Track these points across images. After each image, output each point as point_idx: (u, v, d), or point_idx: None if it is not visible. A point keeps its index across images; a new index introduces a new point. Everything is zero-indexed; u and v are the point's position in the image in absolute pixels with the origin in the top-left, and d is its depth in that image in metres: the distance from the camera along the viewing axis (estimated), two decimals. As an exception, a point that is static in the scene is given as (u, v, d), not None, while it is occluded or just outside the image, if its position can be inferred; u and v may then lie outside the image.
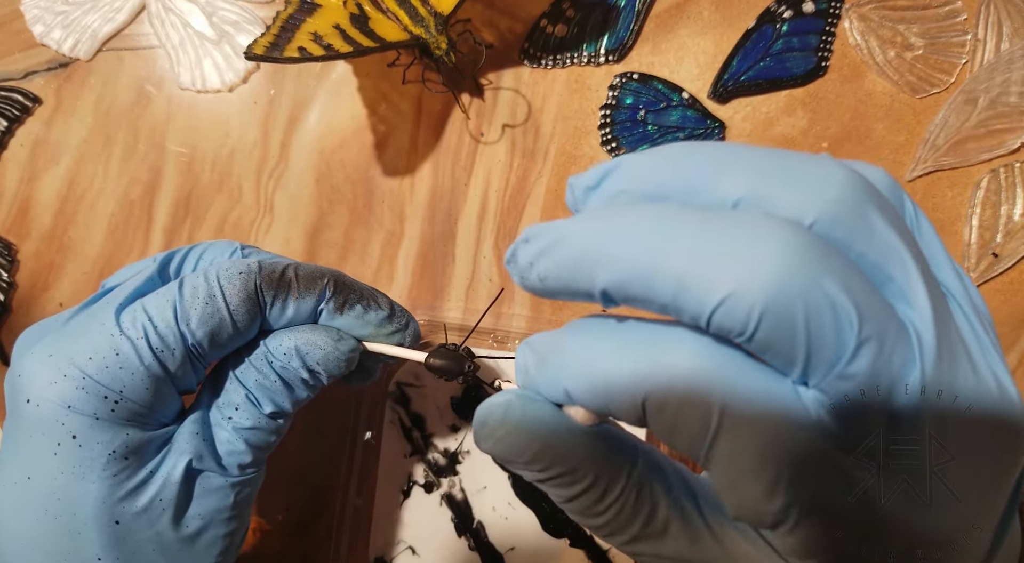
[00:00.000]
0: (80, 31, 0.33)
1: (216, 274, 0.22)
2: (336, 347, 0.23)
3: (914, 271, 0.15)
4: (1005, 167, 0.32)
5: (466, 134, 0.33)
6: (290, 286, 0.23)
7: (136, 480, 0.21)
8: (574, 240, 0.16)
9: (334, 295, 0.23)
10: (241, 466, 0.23)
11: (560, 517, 0.31)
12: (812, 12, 0.32)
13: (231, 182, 0.33)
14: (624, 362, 0.16)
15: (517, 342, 0.32)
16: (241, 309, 0.22)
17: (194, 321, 0.21)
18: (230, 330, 0.22)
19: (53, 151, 0.33)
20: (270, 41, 0.27)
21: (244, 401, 0.23)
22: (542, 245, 0.17)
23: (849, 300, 0.14)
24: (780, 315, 0.14)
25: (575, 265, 0.16)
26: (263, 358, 0.23)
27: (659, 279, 0.15)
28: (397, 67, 0.32)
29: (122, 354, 0.21)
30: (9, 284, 0.32)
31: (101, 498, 0.21)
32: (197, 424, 0.23)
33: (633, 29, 0.32)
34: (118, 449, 0.21)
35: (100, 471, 0.21)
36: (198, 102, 0.33)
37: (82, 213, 0.33)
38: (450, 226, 0.33)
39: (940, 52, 0.32)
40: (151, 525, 0.21)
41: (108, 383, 0.21)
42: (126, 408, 0.21)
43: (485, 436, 0.18)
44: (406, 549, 0.31)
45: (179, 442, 0.22)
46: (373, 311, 0.24)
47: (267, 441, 0.23)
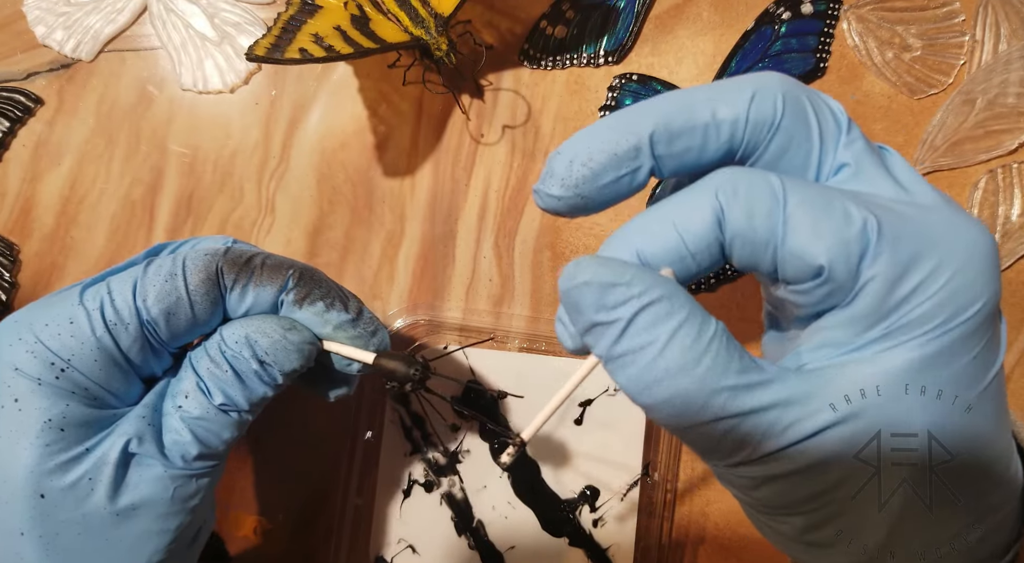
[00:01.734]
0: (82, 32, 0.33)
1: (184, 256, 0.22)
2: (285, 336, 0.22)
3: None
4: (1003, 168, 0.32)
5: (466, 135, 0.33)
6: (253, 273, 0.22)
7: (68, 454, 0.20)
8: (610, 116, 0.19)
9: (296, 286, 0.23)
10: (185, 458, 0.22)
11: (559, 516, 0.31)
12: (810, 13, 0.32)
13: (232, 183, 0.33)
14: (683, 202, 0.18)
15: (517, 342, 0.32)
16: (200, 290, 0.21)
17: (151, 297, 0.21)
18: (188, 311, 0.21)
19: (55, 152, 0.33)
20: (271, 42, 0.28)
21: (194, 389, 0.22)
22: (577, 140, 0.19)
23: (827, 99, 0.19)
24: (795, 101, 0.18)
25: (618, 128, 0.18)
26: (216, 346, 0.22)
27: (697, 104, 0.18)
28: (398, 68, 0.33)
29: (76, 323, 0.21)
30: (11, 284, 0.32)
31: (30, 467, 0.20)
32: (147, 409, 0.22)
33: (632, 30, 0.33)
34: (54, 418, 0.20)
35: (33, 438, 0.20)
36: (200, 103, 0.33)
37: (84, 213, 0.33)
38: (450, 226, 0.33)
39: (938, 53, 0.32)
40: (77, 505, 0.20)
41: (57, 349, 0.20)
42: (71, 378, 0.21)
43: (583, 267, 0.17)
44: (406, 548, 0.31)
45: (123, 424, 0.21)
46: (336, 311, 0.23)
47: (218, 435, 0.22)
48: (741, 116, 0.18)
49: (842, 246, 0.16)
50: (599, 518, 0.31)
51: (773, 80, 0.18)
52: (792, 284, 0.18)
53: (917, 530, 0.18)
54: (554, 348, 0.32)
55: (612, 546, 0.31)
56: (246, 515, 0.33)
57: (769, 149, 0.18)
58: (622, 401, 0.31)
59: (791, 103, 0.18)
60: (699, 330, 0.17)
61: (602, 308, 0.17)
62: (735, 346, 0.17)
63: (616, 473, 0.31)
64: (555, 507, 0.31)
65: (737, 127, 0.18)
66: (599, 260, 0.17)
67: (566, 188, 0.19)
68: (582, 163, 0.18)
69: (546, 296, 0.33)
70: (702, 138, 0.18)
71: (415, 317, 0.32)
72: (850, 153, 0.19)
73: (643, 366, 0.17)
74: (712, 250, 0.18)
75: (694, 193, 0.18)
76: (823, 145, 0.19)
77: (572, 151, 0.19)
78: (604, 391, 0.31)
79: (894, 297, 0.17)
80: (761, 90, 0.18)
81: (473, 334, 0.32)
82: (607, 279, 0.17)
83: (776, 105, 0.18)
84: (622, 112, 0.19)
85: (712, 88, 0.19)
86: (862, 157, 0.19)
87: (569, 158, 0.19)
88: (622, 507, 0.31)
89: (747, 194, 0.17)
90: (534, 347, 0.32)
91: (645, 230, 0.18)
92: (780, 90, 0.18)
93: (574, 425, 0.31)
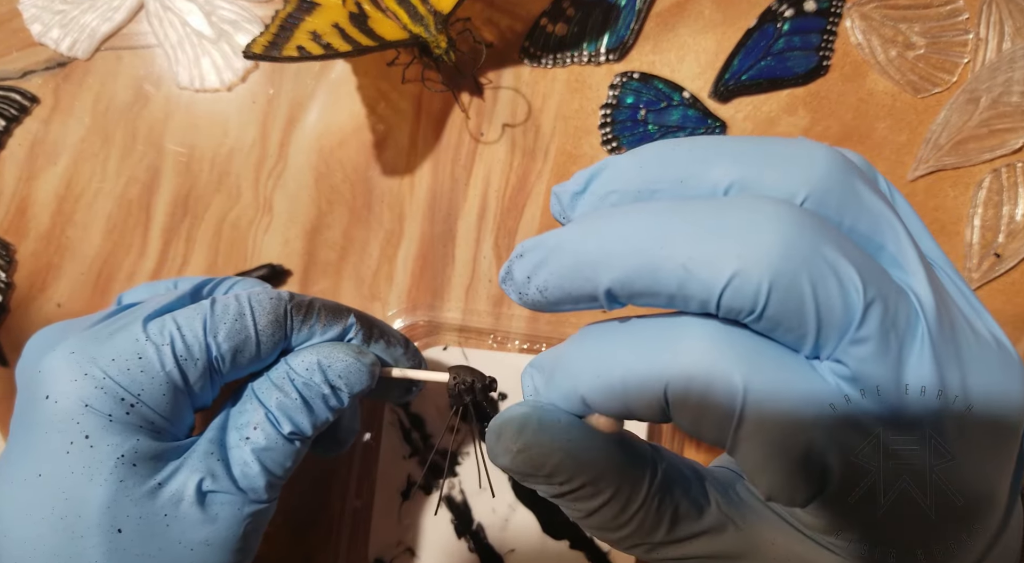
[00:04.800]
0: (78, 30, 0.33)
1: (248, 297, 0.23)
2: (358, 359, 0.23)
3: (904, 237, 0.16)
4: (1007, 167, 0.32)
5: (466, 133, 0.33)
6: (317, 316, 0.24)
7: (143, 489, 0.21)
8: (571, 245, 0.16)
9: (361, 328, 0.24)
10: (256, 490, 0.22)
11: (560, 519, 0.31)
12: (813, 11, 0.32)
13: (230, 182, 0.33)
14: (639, 358, 0.16)
15: (517, 342, 0.31)
16: (268, 330, 0.23)
17: (222, 334, 0.22)
18: (254, 349, 0.22)
19: (51, 151, 0.33)
20: (269, 40, 0.27)
21: (263, 420, 0.22)
22: (539, 256, 0.17)
23: (850, 265, 0.14)
24: (787, 287, 0.14)
25: (575, 269, 0.16)
26: (285, 376, 0.23)
27: (663, 269, 0.15)
28: (396, 66, 0.32)
29: (145, 358, 0.21)
30: (7, 284, 0.32)
31: (106, 502, 0.20)
32: (213, 444, 0.22)
33: (634, 28, 0.32)
34: (127, 454, 0.21)
35: (108, 474, 0.20)
36: (196, 101, 0.33)
37: (80, 213, 0.33)
38: (450, 226, 0.33)
39: (942, 51, 0.32)
40: (153, 539, 0.21)
41: (127, 385, 0.21)
42: (141, 413, 0.21)
43: (502, 451, 0.17)
44: (405, 551, 0.31)
45: (192, 460, 0.22)
46: (393, 347, 0.25)
47: (283, 465, 0.23)
48: (712, 299, 0.14)
49: (786, 494, 0.15)
50: (600, 520, 0.31)
51: (767, 248, 0.14)
52: None
53: (916, 530, 0.18)
54: (554, 349, 0.31)
55: (612, 549, 0.31)
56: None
57: (751, 326, 0.15)
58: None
59: (781, 290, 0.14)
60: (623, 506, 0.17)
61: (535, 476, 0.17)
62: (671, 501, 0.17)
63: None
64: (556, 509, 0.31)
65: (708, 307, 0.15)
66: (522, 442, 0.17)
67: (523, 301, 0.18)
68: (537, 288, 0.17)
69: (546, 296, 0.33)
70: (667, 302, 0.15)
71: (414, 317, 0.32)
72: (853, 357, 0.15)
73: (572, 514, 0.18)
74: (656, 418, 0.16)
75: (650, 360, 0.15)
76: (820, 339, 0.15)
77: (530, 268, 0.17)
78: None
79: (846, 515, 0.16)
80: (743, 271, 0.14)
81: (473, 334, 0.32)
82: (525, 470, 0.17)
83: (759, 292, 0.14)
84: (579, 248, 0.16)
85: (687, 241, 0.15)
86: (865, 367, 0.15)
87: (527, 274, 0.17)
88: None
89: (698, 403, 0.15)
90: (534, 347, 0.31)
91: (596, 379, 0.16)
92: (770, 271, 0.14)
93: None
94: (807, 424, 0.14)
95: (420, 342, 0.31)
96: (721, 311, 0.15)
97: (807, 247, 0.14)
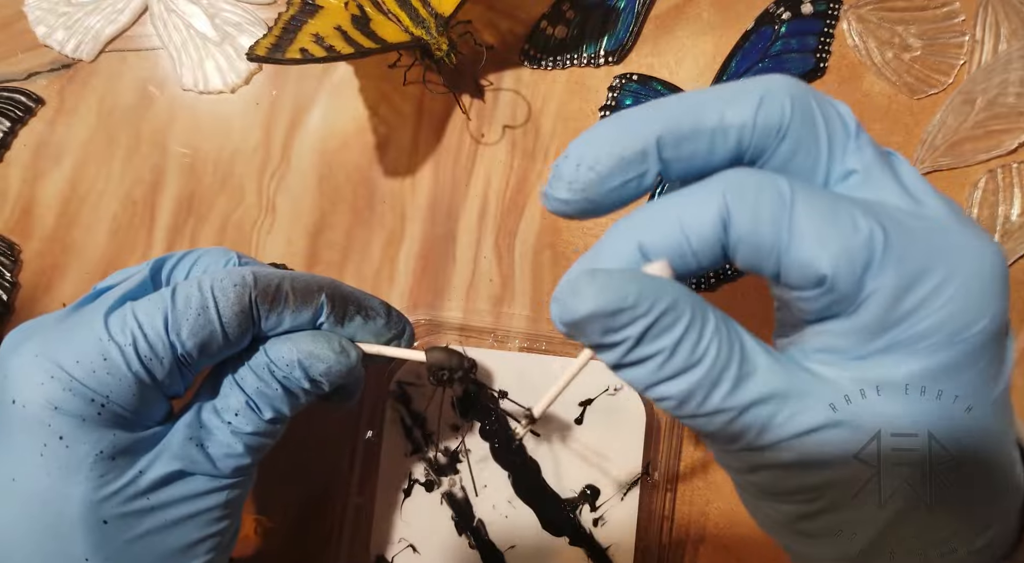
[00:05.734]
0: (83, 32, 0.33)
1: (211, 285, 0.22)
2: (339, 360, 0.23)
3: None
4: (1003, 168, 0.32)
5: (467, 135, 0.33)
6: (286, 300, 0.23)
7: (123, 480, 0.21)
8: (617, 118, 0.19)
9: (332, 311, 0.24)
10: (237, 469, 0.23)
11: (560, 516, 0.31)
12: (810, 13, 0.32)
13: (233, 183, 0.33)
14: (690, 196, 0.18)
15: (517, 341, 0.32)
16: (234, 322, 0.22)
17: (185, 332, 0.21)
18: (220, 341, 0.22)
19: (56, 152, 0.33)
20: (272, 42, 0.28)
21: (244, 407, 0.23)
22: (582, 140, 0.18)
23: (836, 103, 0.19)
24: (803, 107, 0.18)
25: (623, 131, 0.18)
26: (265, 367, 0.23)
27: (705, 108, 0.18)
28: (398, 68, 0.33)
29: (110, 359, 0.21)
30: (12, 284, 0.33)
31: (88, 499, 0.20)
32: (191, 428, 0.23)
33: (632, 30, 0.33)
34: (105, 450, 0.21)
35: (87, 472, 0.20)
36: (200, 103, 0.33)
37: (85, 213, 0.33)
38: (451, 226, 0.33)
39: (938, 53, 0.32)
40: (139, 524, 0.21)
41: (95, 387, 0.21)
42: (112, 411, 0.21)
43: (582, 299, 0.17)
44: (407, 547, 0.31)
45: (171, 445, 0.22)
46: (372, 320, 0.25)
47: (264, 444, 0.24)
48: (748, 121, 0.18)
49: (846, 257, 0.16)
50: (599, 517, 0.31)
51: (781, 83, 0.18)
52: (795, 290, 0.18)
53: (916, 530, 0.18)
54: (554, 348, 0.32)
55: (612, 545, 0.31)
56: (246, 515, 0.33)
57: (777, 154, 0.18)
58: (622, 401, 0.31)
59: (799, 107, 0.18)
60: (700, 332, 0.17)
61: (608, 332, 0.17)
62: (737, 338, 0.17)
63: (616, 473, 0.31)
64: (555, 506, 0.31)
65: (744, 132, 0.18)
66: (598, 285, 0.17)
67: (573, 192, 0.18)
68: (588, 167, 0.18)
69: (546, 296, 0.33)
70: (709, 142, 0.18)
71: (415, 317, 0.32)
72: (859, 159, 0.18)
73: (649, 371, 0.17)
74: (715, 250, 0.17)
75: (701, 191, 0.18)
76: (831, 150, 0.18)
77: (578, 154, 0.18)
78: (604, 391, 0.31)
79: (898, 310, 0.17)
80: (769, 94, 0.18)
81: (473, 333, 0.32)
82: (611, 307, 0.17)
83: (784, 110, 0.18)
84: (628, 114, 0.18)
85: (718, 91, 0.18)
86: (871, 164, 0.18)
87: (576, 162, 0.18)
88: (622, 507, 0.31)
89: (755, 198, 0.17)
90: (534, 347, 0.32)
91: (649, 224, 0.18)
92: (788, 94, 0.18)
93: (574, 425, 0.31)
94: (846, 201, 0.17)
95: (421, 341, 0.32)
96: (756, 131, 0.18)
97: (808, 89, 0.18)
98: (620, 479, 0.31)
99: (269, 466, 0.33)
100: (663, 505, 0.31)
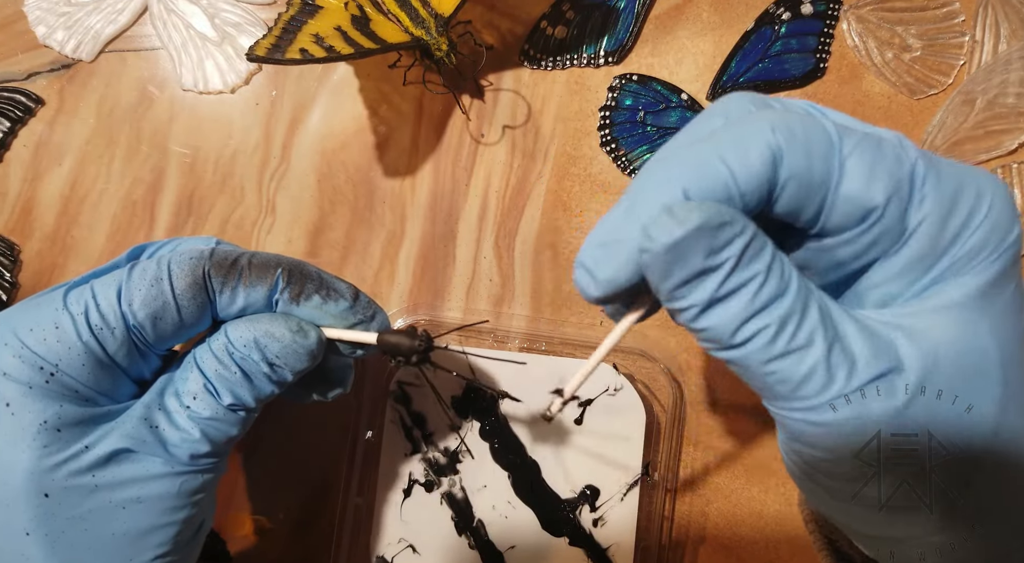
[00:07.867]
0: (83, 32, 0.33)
1: (169, 259, 0.22)
2: (294, 339, 0.22)
3: None
4: (1003, 168, 0.32)
5: (467, 135, 0.33)
6: (241, 274, 0.22)
7: (68, 452, 0.21)
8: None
9: (288, 285, 0.23)
10: (193, 456, 0.22)
11: (560, 516, 0.31)
12: (810, 14, 0.32)
13: (233, 183, 0.33)
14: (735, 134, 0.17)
15: (517, 342, 0.32)
16: (187, 294, 0.22)
17: (136, 302, 0.21)
18: (174, 315, 0.22)
19: (56, 152, 0.33)
20: (272, 43, 0.28)
21: (202, 391, 0.22)
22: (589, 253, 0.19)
23: None
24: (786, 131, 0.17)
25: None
26: (224, 348, 0.22)
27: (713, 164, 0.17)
28: (398, 68, 0.33)
29: (61, 328, 0.21)
30: (12, 284, 0.33)
31: (30, 468, 0.20)
32: (148, 409, 0.22)
33: (632, 31, 0.33)
34: (50, 420, 0.20)
35: (30, 440, 0.20)
36: (200, 103, 0.33)
37: (85, 213, 0.33)
38: (451, 226, 0.33)
39: (938, 54, 0.32)
40: (81, 502, 0.21)
41: (44, 354, 0.21)
42: (61, 381, 0.21)
43: (678, 221, 0.16)
44: (407, 547, 0.31)
45: (124, 424, 0.22)
46: (332, 301, 0.23)
47: (227, 433, 0.22)
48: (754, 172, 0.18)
49: (896, 187, 0.17)
50: (599, 518, 0.31)
51: (758, 126, 0.17)
52: (832, 234, 0.17)
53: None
54: (554, 348, 0.32)
55: (612, 546, 0.31)
56: (246, 515, 0.33)
57: None
58: (622, 401, 0.31)
59: None
60: (782, 258, 0.17)
61: (712, 251, 0.16)
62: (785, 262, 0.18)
63: (616, 473, 0.31)
64: (555, 507, 0.31)
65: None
66: (694, 205, 0.16)
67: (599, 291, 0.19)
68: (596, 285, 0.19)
69: (546, 296, 0.33)
70: None
71: (415, 317, 0.32)
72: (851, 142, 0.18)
73: (746, 301, 0.17)
74: (761, 191, 0.17)
75: (746, 128, 0.17)
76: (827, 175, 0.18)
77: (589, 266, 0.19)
78: (604, 391, 0.31)
79: (947, 233, 0.17)
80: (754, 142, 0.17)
81: (473, 333, 0.32)
82: (717, 219, 0.16)
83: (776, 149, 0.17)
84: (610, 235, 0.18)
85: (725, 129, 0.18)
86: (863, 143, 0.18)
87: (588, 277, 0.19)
88: (622, 507, 0.31)
89: (805, 134, 0.17)
90: (534, 347, 0.32)
91: (690, 164, 0.17)
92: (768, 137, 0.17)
93: (574, 425, 0.31)
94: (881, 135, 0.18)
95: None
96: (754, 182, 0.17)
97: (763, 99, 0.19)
98: (620, 479, 0.31)
99: (269, 466, 0.33)
100: (663, 505, 0.31)
